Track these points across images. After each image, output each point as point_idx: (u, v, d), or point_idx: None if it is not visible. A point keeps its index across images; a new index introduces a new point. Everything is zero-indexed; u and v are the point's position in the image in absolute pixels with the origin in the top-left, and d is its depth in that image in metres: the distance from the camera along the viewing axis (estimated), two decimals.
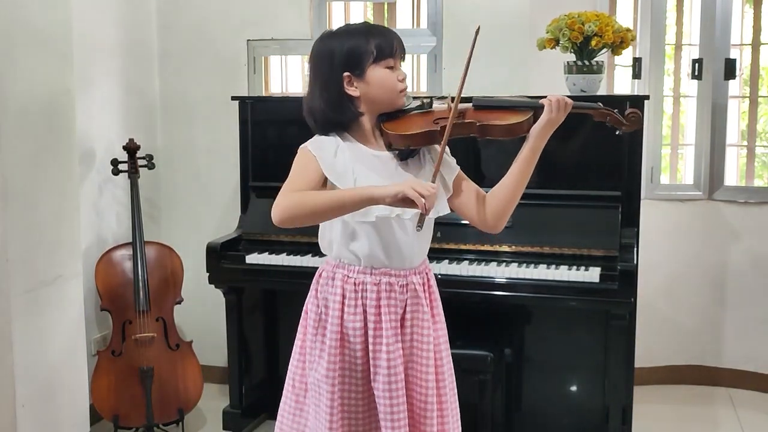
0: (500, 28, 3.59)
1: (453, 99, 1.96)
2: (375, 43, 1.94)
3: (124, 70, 3.72)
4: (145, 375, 3.27)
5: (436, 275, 2.93)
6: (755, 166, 4.22)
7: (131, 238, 3.39)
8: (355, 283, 1.98)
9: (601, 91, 3.22)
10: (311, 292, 2.07)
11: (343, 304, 1.99)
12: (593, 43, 3.07)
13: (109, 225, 3.64)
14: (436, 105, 2.02)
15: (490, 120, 1.97)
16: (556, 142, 2.04)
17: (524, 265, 2.95)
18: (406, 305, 2.00)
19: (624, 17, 4.04)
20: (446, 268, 2.97)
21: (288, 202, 1.86)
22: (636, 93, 3.89)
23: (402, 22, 4.73)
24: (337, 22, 4.59)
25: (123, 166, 3.49)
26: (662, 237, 3.91)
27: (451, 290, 2.95)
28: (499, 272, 2.93)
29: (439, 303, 2.11)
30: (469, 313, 3.15)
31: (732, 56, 3.90)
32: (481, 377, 2.87)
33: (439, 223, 2.07)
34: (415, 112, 2.00)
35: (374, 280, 1.97)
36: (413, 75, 4.75)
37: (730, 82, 3.91)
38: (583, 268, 2.88)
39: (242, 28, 3.82)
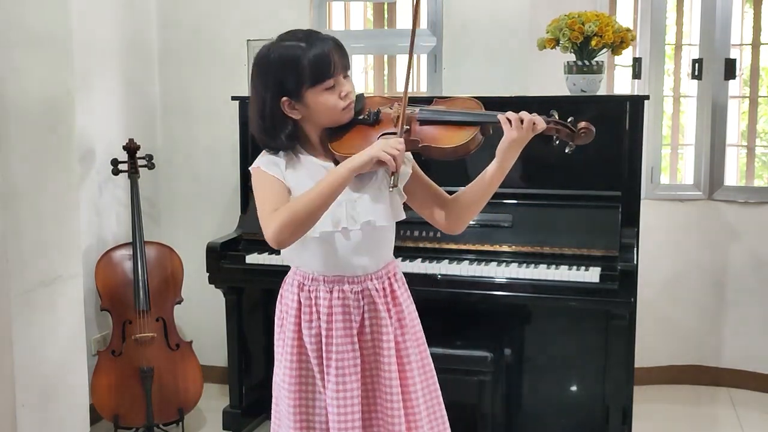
0: (500, 28, 3.59)
1: (399, 104, 1.91)
2: (310, 64, 1.86)
3: (124, 70, 3.72)
4: (145, 375, 3.27)
5: (435, 275, 2.97)
6: (755, 166, 4.23)
7: (131, 238, 3.39)
8: (309, 290, 1.97)
9: (601, 91, 3.21)
10: (278, 297, 2.06)
11: (299, 311, 1.97)
12: (593, 43, 3.07)
13: (109, 225, 3.64)
14: (383, 112, 1.96)
15: (432, 142, 1.91)
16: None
17: (524, 265, 2.95)
18: (364, 312, 1.97)
19: (624, 17, 4.04)
20: (446, 268, 2.97)
21: (281, 220, 1.81)
22: (636, 93, 3.89)
23: (402, 22, 4.73)
24: (337, 22, 4.59)
25: (123, 166, 3.49)
26: (662, 237, 3.91)
27: (451, 290, 2.96)
28: (499, 272, 2.93)
29: (408, 305, 2.05)
30: (469, 313, 3.16)
31: (732, 56, 3.90)
32: (481, 377, 2.87)
33: None
34: (362, 125, 1.95)
35: (327, 287, 1.95)
36: (413, 75, 4.75)
37: (730, 82, 3.91)
38: (583, 268, 2.88)
39: (242, 28, 3.82)
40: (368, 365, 1.98)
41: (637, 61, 3.88)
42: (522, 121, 1.87)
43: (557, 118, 1.91)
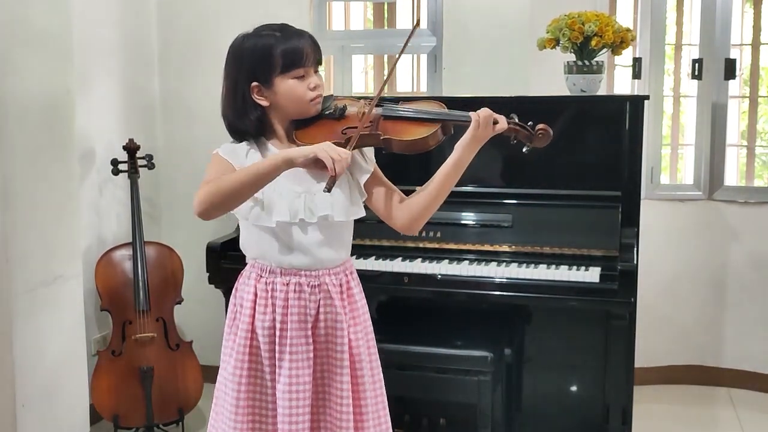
0: (500, 28, 3.59)
1: (367, 102, 1.96)
2: (283, 52, 1.93)
3: (124, 70, 3.72)
4: (145, 375, 3.27)
5: (436, 275, 2.97)
6: (755, 166, 4.23)
7: (131, 238, 3.39)
8: (266, 283, 1.99)
9: (601, 91, 3.21)
10: (233, 291, 2.08)
11: (255, 302, 1.99)
12: (593, 43, 3.07)
13: (109, 225, 3.64)
14: (349, 110, 2.01)
15: (394, 134, 1.96)
16: (556, 142, 2.04)
17: (524, 265, 2.94)
18: (318, 306, 1.98)
19: (624, 17, 4.05)
20: (446, 268, 2.97)
21: (205, 191, 1.85)
22: (636, 93, 3.89)
23: (402, 22, 4.73)
24: (337, 22, 4.59)
25: (123, 166, 3.49)
26: (662, 237, 3.92)
27: (451, 290, 2.95)
28: (499, 272, 2.93)
29: (362, 305, 2.07)
30: (470, 313, 3.15)
31: (732, 56, 3.90)
32: (481, 377, 2.87)
33: (439, 223, 2.07)
34: (327, 119, 2.00)
35: (284, 280, 1.97)
36: (413, 75, 4.75)
37: (730, 82, 3.91)
38: (583, 268, 2.88)
39: (242, 28, 3.81)
40: (320, 359, 2.00)
41: (637, 61, 3.88)
42: (486, 118, 1.92)
43: (516, 120, 1.98)
